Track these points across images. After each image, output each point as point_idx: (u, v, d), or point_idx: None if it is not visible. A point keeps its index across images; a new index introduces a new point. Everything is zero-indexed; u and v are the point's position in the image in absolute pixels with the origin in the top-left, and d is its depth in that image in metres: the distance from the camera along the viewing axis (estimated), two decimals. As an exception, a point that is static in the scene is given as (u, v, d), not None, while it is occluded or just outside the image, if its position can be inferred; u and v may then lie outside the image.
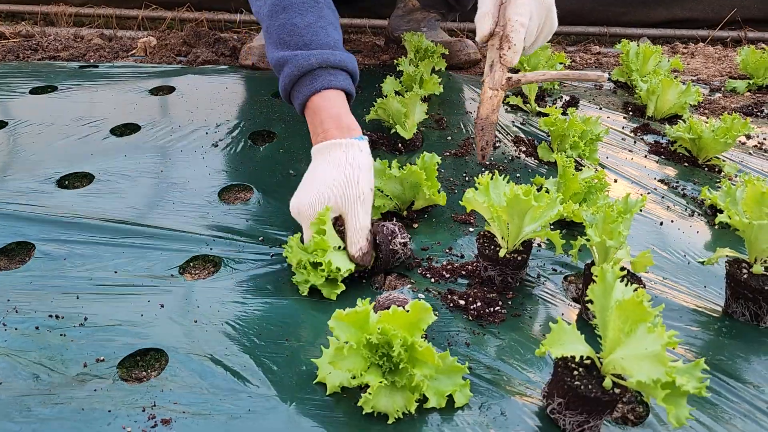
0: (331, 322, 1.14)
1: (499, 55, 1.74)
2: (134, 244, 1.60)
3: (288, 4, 1.66)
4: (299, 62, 1.60)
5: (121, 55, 2.97)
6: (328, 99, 1.60)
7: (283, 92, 1.68)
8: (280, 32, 1.66)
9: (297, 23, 1.64)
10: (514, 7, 1.69)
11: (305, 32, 1.64)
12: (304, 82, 1.62)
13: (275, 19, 1.67)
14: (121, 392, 1.20)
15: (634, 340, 1.05)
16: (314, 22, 1.66)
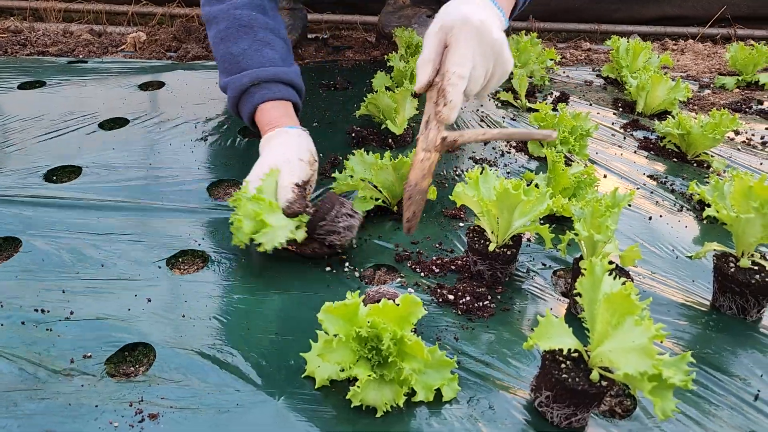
0: (321, 315, 1.13)
1: (435, 111, 1.47)
2: (122, 239, 1.59)
3: (225, 36, 1.83)
4: (235, 85, 1.78)
5: (111, 51, 2.96)
6: (266, 110, 1.76)
7: (232, 112, 1.86)
8: (222, 62, 1.84)
9: (233, 52, 1.81)
10: (453, 56, 1.45)
11: (240, 59, 1.80)
12: (244, 100, 1.79)
13: (218, 51, 1.85)
14: (108, 388, 1.19)
15: (621, 333, 1.05)
16: (248, 48, 1.81)
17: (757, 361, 1.35)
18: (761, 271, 1.43)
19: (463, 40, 1.44)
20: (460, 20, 1.43)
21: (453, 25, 1.44)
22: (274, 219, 1.46)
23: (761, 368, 1.33)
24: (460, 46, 1.44)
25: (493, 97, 2.54)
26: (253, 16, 1.84)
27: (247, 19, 1.83)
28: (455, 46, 1.44)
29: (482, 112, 2.38)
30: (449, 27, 1.45)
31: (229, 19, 1.82)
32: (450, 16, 1.45)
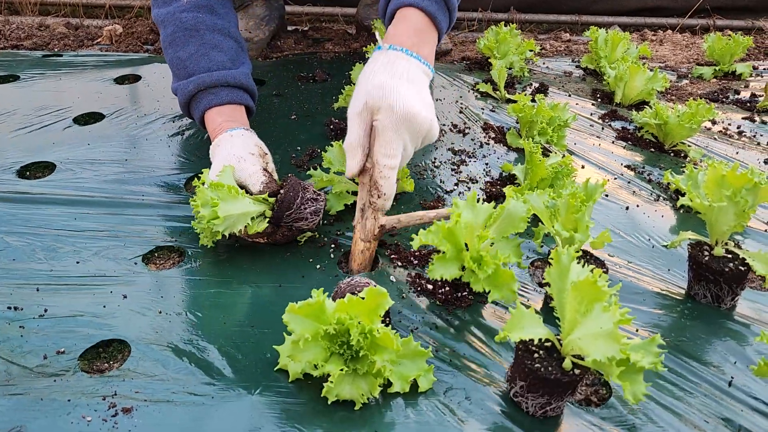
0: (285, 317, 1.12)
1: (369, 201, 1.45)
2: (97, 235, 1.58)
3: (172, 40, 1.80)
4: (183, 91, 1.77)
5: (86, 44, 2.92)
6: (212, 116, 1.75)
7: (185, 114, 1.85)
8: (171, 66, 1.82)
9: (180, 56, 1.78)
10: (382, 147, 1.40)
11: (188, 63, 1.77)
12: (192, 107, 1.79)
13: (167, 55, 1.83)
14: (81, 383, 1.18)
15: (589, 320, 1.06)
16: (195, 52, 1.77)
17: (730, 349, 1.36)
18: (735, 260, 1.44)
19: (389, 131, 1.39)
20: (387, 106, 1.38)
21: (379, 107, 1.39)
22: (235, 206, 1.44)
23: (735, 355, 1.34)
24: (388, 136, 1.40)
25: (472, 88, 2.54)
26: (200, 18, 1.80)
27: (192, 21, 1.79)
28: (383, 137, 1.40)
29: (461, 104, 2.38)
30: (375, 109, 1.40)
31: (176, 23, 1.79)
32: (374, 96, 1.39)
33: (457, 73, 2.71)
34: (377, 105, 1.39)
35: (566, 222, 1.41)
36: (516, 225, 1.37)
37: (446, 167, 1.96)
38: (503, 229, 1.38)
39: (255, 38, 2.75)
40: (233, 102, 1.76)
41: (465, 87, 2.56)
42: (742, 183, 1.38)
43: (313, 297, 1.12)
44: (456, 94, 2.49)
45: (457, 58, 2.98)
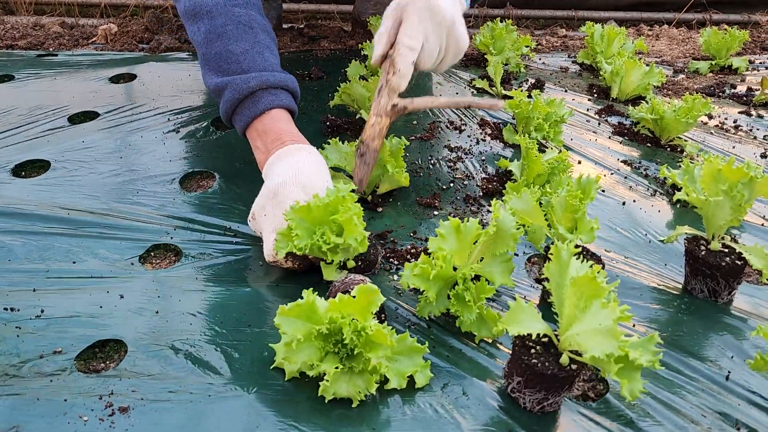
0: (277, 319, 1.12)
1: (386, 80, 1.60)
2: (92, 234, 1.57)
3: (222, 32, 1.68)
4: (239, 86, 1.63)
5: (81, 43, 2.91)
6: (274, 118, 1.64)
7: (224, 116, 1.69)
8: (217, 60, 1.68)
9: (233, 50, 1.67)
10: (404, 30, 1.57)
11: (242, 59, 1.66)
12: (246, 104, 1.64)
13: (211, 47, 1.68)
14: (78, 382, 1.18)
15: (588, 316, 1.06)
16: (250, 49, 1.68)
17: (727, 343, 1.36)
18: (731, 254, 1.44)
19: (414, 16, 1.56)
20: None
21: (407, 2, 1.56)
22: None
23: (732, 350, 1.34)
24: (411, 21, 1.56)
25: (469, 85, 2.54)
26: (253, 16, 1.73)
27: (246, 18, 1.71)
28: (407, 22, 1.56)
29: (458, 100, 2.38)
30: (404, 5, 1.57)
31: (228, 16, 1.69)
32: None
33: (453, 69, 2.71)
34: (406, 1, 1.57)
35: (565, 221, 1.40)
36: (506, 243, 1.29)
37: (443, 164, 1.96)
38: (492, 248, 1.31)
39: (251, 36, 2.74)
40: (290, 108, 1.69)
41: (461, 83, 2.56)
42: (738, 177, 1.38)
43: (303, 298, 1.11)
44: (452, 90, 2.49)
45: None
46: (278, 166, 1.53)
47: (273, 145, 1.58)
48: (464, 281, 1.28)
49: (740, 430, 1.17)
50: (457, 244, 1.30)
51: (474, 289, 1.29)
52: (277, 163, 1.53)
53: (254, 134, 1.65)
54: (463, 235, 1.30)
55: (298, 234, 1.35)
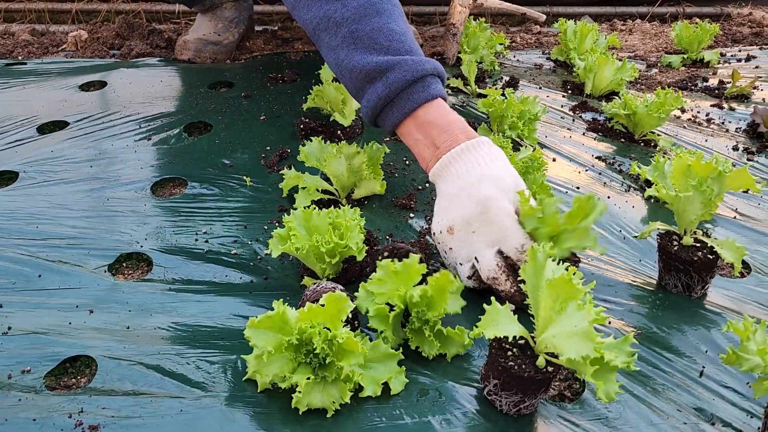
0: (247, 332, 1.10)
1: None
2: (61, 245, 1.54)
3: (381, 9, 1.52)
4: (411, 67, 1.46)
5: (51, 51, 2.86)
6: (442, 109, 1.49)
7: (380, 101, 1.49)
8: (375, 35, 1.49)
9: (394, 29, 1.51)
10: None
11: (404, 38, 1.51)
12: (416, 88, 1.47)
13: (366, 23, 1.50)
14: (47, 401, 1.15)
15: (564, 318, 1.06)
16: (407, 31, 1.55)
17: (702, 337, 1.37)
18: (703, 248, 1.45)
19: None
20: None
21: None
22: None
23: (706, 344, 1.35)
24: None
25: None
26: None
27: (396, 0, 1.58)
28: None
29: (432, 100, 2.37)
30: None
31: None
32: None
33: (427, 68, 2.70)
34: None
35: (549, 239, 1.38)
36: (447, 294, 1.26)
37: (417, 165, 1.95)
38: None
39: (224, 41, 2.72)
40: (445, 99, 1.54)
41: (436, 83, 2.55)
42: (707, 172, 1.39)
43: (272, 310, 1.10)
44: (427, 90, 2.47)
45: (428, 53, 2.97)
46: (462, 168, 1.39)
47: (441, 138, 1.44)
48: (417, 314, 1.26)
49: (715, 424, 1.17)
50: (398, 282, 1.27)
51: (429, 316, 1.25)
52: (459, 164, 1.40)
53: (413, 126, 1.48)
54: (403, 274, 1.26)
55: None
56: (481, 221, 1.36)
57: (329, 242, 1.35)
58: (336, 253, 1.37)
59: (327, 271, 1.41)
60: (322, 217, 1.40)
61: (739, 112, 2.46)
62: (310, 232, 1.40)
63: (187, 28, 3.18)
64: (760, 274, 1.59)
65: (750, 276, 1.58)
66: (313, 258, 1.38)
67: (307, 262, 1.41)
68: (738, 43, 3.32)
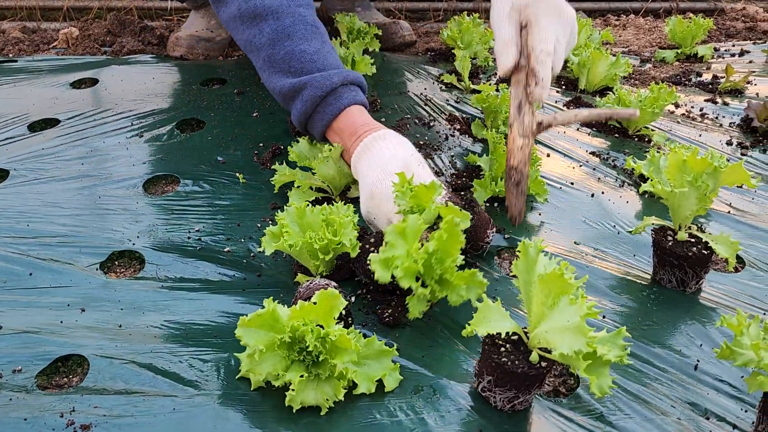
0: (238, 331, 1.10)
1: (526, 93, 1.44)
2: (52, 243, 1.53)
3: (292, 32, 1.65)
4: (321, 83, 1.61)
5: (42, 48, 2.84)
6: (356, 113, 1.62)
7: (301, 116, 1.66)
8: (288, 59, 1.64)
9: (305, 50, 1.64)
10: (537, 34, 1.42)
11: (316, 57, 1.65)
12: (329, 101, 1.62)
13: (279, 48, 1.65)
14: (38, 400, 1.14)
15: (556, 313, 1.05)
16: (321, 48, 1.67)
17: (696, 332, 1.37)
18: (698, 243, 1.45)
19: (544, 18, 1.42)
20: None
21: (527, 2, 1.43)
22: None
23: (700, 338, 1.35)
24: (543, 24, 1.42)
25: (437, 80, 2.53)
26: (315, 17, 1.72)
27: (312, 19, 1.70)
28: (538, 26, 1.42)
29: (425, 96, 2.36)
30: (524, 5, 1.43)
31: (295, 16, 1.67)
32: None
33: (421, 65, 2.70)
34: (526, 2, 1.42)
35: None
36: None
37: (411, 161, 1.94)
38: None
39: (217, 38, 2.70)
40: (366, 105, 1.68)
41: (430, 79, 2.55)
42: (703, 167, 1.38)
43: (263, 308, 1.09)
44: (421, 86, 2.47)
45: (422, 49, 2.96)
46: (362, 164, 1.52)
47: (351, 141, 1.57)
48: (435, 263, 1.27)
49: (710, 419, 1.17)
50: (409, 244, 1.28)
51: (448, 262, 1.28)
52: (361, 161, 1.53)
53: (333, 134, 1.64)
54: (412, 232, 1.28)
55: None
56: (374, 207, 1.47)
57: (323, 239, 1.34)
58: (329, 250, 1.36)
59: (321, 268, 1.40)
60: (315, 214, 1.40)
61: (732, 107, 2.46)
62: (303, 229, 1.39)
63: (180, 24, 3.17)
64: (755, 268, 1.59)
65: (744, 270, 1.58)
66: (306, 255, 1.37)
67: (301, 259, 1.40)
68: (732, 37, 3.32)
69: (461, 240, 1.26)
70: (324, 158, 1.64)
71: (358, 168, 1.54)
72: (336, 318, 1.10)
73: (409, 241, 1.25)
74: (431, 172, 1.51)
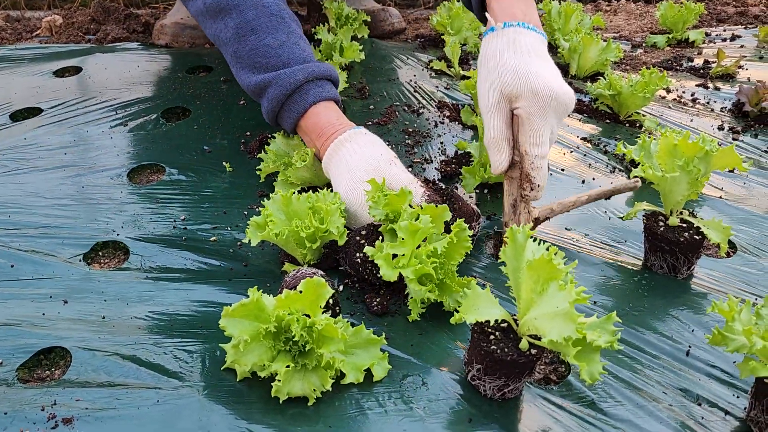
0: (222, 321, 1.08)
1: (521, 194, 1.40)
2: (34, 234, 1.50)
3: (256, 26, 1.60)
4: (285, 81, 1.56)
5: (25, 37, 2.79)
6: (322, 111, 1.57)
7: (269, 114, 1.62)
8: (253, 55, 1.59)
9: (270, 44, 1.58)
10: (528, 137, 1.32)
11: (281, 51, 1.58)
12: (294, 99, 1.57)
13: (244, 43, 1.59)
14: (19, 394, 1.12)
15: (545, 299, 1.03)
16: (287, 40, 1.60)
17: (688, 318, 1.35)
18: (690, 229, 1.43)
19: (537, 117, 1.30)
20: (529, 92, 1.28)
21: (519, 94, 1.30)
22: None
23: (692, 324, 1.34)
24: (534, 123, 1.31)
25: (427, 66, 2.50)
26: (280, 5, 1.65)
27: (276, 8, 1.63)
28: (529, 125, 1.31)
29: (415, 83, 2.34)
30: (514, 96, 1.31)
31: (258, 8, 1.60)
32: (510, 84, 1.30)
33: (411, 51, 2.67)
34: (516, 92, 1.30)
35: None
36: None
37: (401, 148, 1.92)
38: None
39: (202, 24, 2.66)
40: (336, 99, 1.62)
41: (419, 65, 2.52)
42: (694, 152, 1.37)
43: (247, 297, 1.07)
44: (410, 73, 2.44)
45: (411, 36, 2.93)
46: (332, 170, 1.49)
47: (319, 143, 1.53)
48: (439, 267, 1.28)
49: (701, 405, 1.16)
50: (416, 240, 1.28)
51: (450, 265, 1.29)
52: (330, 167, 1.50)
53: (302, 133, 1.61)
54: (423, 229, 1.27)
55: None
56: (352, 218, 1.43)
57: (309, 227, 1.32)
58: (317, 238, 1.34)
59: (308, 256, 1.38)
60: (301, 202, 1.37)
61: (724, 92, 2.44)
62: (289, 217, 1.36)
63: (165, 12, 3.12)
64: (746, 253, 1.58)
65: (736, 256, 1.57)
66: (293, 243, 1.35)
67: (287, 248, 1.38)
68: (723, 22, 3.31)
69: (468, 245, 1.27)
70: (298, 167, 1.58)
71: (330, 173, 1.51)
72: (323, 307, 1.08)
73: (417, 241, 1.25)
74: (404, 168, 1.47)
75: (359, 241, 1.35)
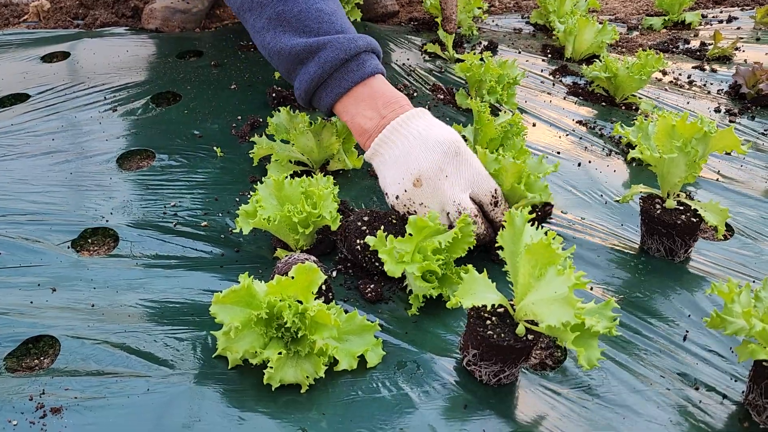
0: (212, 308, 1.05)
1: None
2: (21, 221, 1.47)
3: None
4: (344, 45, 1.41)
5: (12, 22, 2.74)
6: (384, 82, 1.46)
7: (313, 81, 1.44)
8: (303, 18, 1.45)
9: (323, 9, 1.46)
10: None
11: (334, 18, 1.47)
12: (351, 67, 1.43)
13: (292, 4, 1.45)
14: (7, 384, 1.10)
15: (543, 284, 1.01)
16: (337, 10, 1.49)
17: (685, 302, 1.34)
18: (687, 211, 1.42)
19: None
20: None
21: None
22: None
23: (689, 308, 1.32)
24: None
25: (420, 49, 2.46)
26: None
27: None
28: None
29: (408, 66, 2.30)
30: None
31: None
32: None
33: (404, 35, 2.63)
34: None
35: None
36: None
37: (394, 132, 1.89)
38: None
39: (193, 9, 2.61)
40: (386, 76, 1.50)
41: (413, 49, 2.48)
42: (692, 133, 1.35)
43: (238, 283, 1.05)
44: (404, 56, 2.41)
45: (405, 19, 2.89)
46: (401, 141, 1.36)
47: (386, 111, 1.40)
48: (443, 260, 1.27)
49: (699, 389, 1.15)
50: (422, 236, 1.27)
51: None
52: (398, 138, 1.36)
53: (356, 102, 1.43)
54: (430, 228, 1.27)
55: None
56: (455, 164, 1.34)
57: (302, 212, 1.30)
58: (309, 223, 1.32)
59: (300, 242, 1.36)
60: (294, 186, 1.35)
61: (721, 74, 2.42)
62: (281, 202, 1.34)
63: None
64: (743, 236, 1.56)
65: (733, 238, 1.56)
66: (285, 229, 1.33)
67: (280, 234, 1.36)
68: (719, 4, 3.27)
69: (471, 241, 1.26)
70: (303, 131, 1.58)
71: (395, 144, 1.37)
72: (315, 293, 1.05)
73: (423, 236, 1.25)
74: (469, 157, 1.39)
75: (361, 227, 1.33)
